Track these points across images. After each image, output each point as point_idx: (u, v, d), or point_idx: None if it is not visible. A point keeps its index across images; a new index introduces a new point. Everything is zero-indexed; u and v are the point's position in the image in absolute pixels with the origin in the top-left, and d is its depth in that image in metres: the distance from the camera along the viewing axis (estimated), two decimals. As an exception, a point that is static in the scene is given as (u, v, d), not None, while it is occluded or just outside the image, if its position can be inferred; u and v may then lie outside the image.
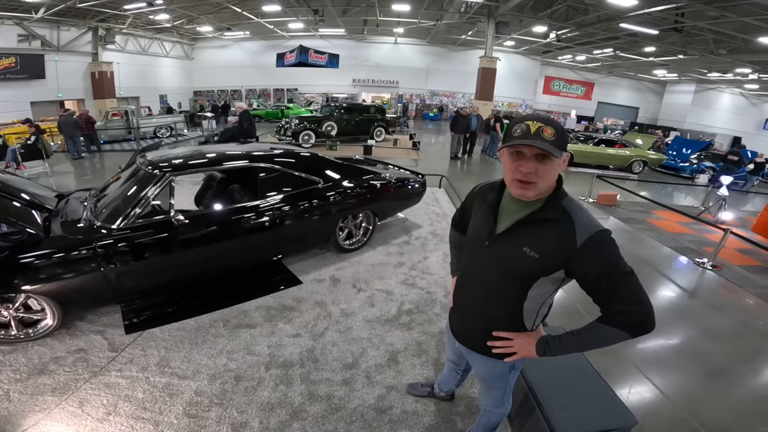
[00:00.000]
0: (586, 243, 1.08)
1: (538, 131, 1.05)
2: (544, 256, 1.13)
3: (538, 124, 1.06)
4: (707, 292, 4.36)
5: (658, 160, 12.68)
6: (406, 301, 3.44)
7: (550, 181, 1.11)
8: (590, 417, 1.82)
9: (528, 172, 1.08)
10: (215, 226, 3.24)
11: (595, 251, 1.09)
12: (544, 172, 1.08)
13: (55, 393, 2.23)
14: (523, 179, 1.09)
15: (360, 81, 25.61)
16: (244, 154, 3.60)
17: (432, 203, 6.40)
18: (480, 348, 1.44)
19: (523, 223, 1.17)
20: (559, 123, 1.10)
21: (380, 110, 14.11)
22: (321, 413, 2.21)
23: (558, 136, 1.06)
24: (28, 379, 2.31)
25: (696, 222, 6.24)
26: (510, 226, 1.20)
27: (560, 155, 1.06)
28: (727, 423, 2.34)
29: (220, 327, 2.92)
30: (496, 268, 1.26)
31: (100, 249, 2.65)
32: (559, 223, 1.12)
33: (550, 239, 1.12)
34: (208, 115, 17.41)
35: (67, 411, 2.11)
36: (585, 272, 1.11)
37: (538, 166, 1.07)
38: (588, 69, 26.92)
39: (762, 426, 2.33)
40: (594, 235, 1.08)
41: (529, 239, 1.16)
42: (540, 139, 1.04)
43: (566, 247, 1.09)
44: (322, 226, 3.95)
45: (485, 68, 17.25)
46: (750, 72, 17.60)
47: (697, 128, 24.76)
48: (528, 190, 1.11)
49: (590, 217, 1.13)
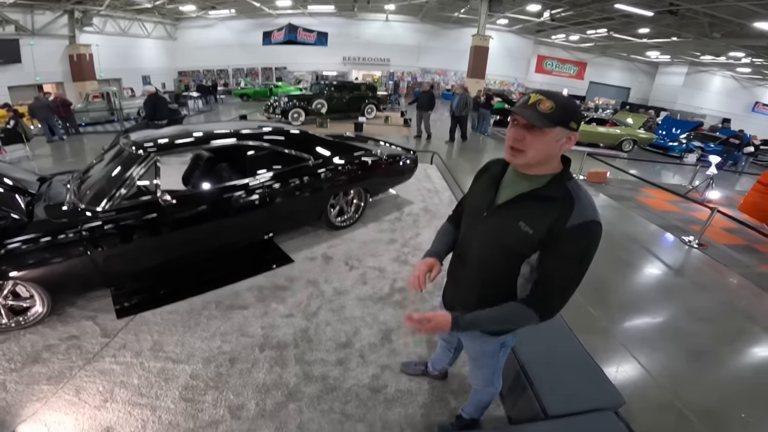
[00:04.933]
0: (576, 226, 1.08)
1: (535, 103, 1.06)
2: (538, 232, 1.12)
3: (539, 97, 1.07)
4: (692, 270, 4.45)
5: (648, 139, 12.83)
6: (398, 279, 3.45)
7: (540, 152, 1.10)
8: (580, 396, 1.87)
9: (516, 138, 1.10)
10: (204, 206, 3.17)
11: (580, 237, 1.09)
12: (532, 141, 1.08)
13: (51, 381, 2.21)
14: (512, 145, 1.12)
15: (350, 59, 25.13)
16: (233, 132, 3.51)
17: (423, 179, 6.39)
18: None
19: (524, 198, 1.17)
20: (568, 100, 1.09)
21: (371, 88, 14.02)
22: (316, 393, 2.23)
23: (556, 110, 1.05)
24: (22, 369, 2.28)
25: (683, 200, 6.33)
26: (510, 199, 1.20)
27: (546, 126, 1.05)
28: (710, 405, 2.40)
29: (212, 309, 2.91)
30: (492, 239, 1.25)
31: (85, 232, 2.59)
32: (559, 203, 1.11)
33: (547, 217, 1.11)
34: (193, 94, 17.05)
35: (64, 399, 2.10)
36: (557, 250, 1.11)
37: (526, 135, 1.09)
38: (581, 49, 26.77)
39: (743, 408, 2.39)
40: (588, 223, 1.08)
41: (527, 214, 1.15)
42: (531, 110, 1.06)
43: (557, 225, 1.09)
44: (313, 204, 3.92)
45: (477, 46, 17.00)
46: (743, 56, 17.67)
47: (688, 109, 25.01)
48: (516, 156, 1.13)
49: (592, 204, 1.13)
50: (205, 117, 14.49)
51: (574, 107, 1.10)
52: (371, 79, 21.41)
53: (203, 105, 17.07)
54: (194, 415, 2.06)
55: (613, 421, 1.72)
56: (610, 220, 5.50)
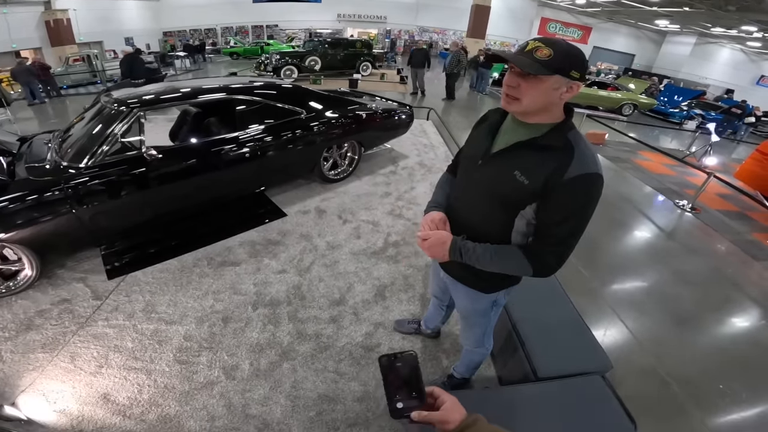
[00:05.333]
0: (575, 178, 1.02)
1: (532, 50, 0.99)
2: (534, 182, 1.07)
3: (537, 44, 1.00)
4: (683, 234, 4.47)
5: (648, 104, 12.66)
6: (392, 233, 3.43)
7: (535, 100, 1.03)
8: (570, 359, 1.89)
9: (509, 85, 1.06)
10: (192, 160, 3.08)
11: (579, 190, 1.04)
12: (526, 88, 1.03)
13: (46, 349, 2.18)
14: (506, 92, 1.08)
15: (345, 16, 24.14)
16: (222, 86, 3.37)
17: (419, 134, 6.31)
18: (464, 278, 1.42)
19: (522, 146, 1.11)
20: (571, 47, 1.00)
21: (367, 45, 13.65)
22: (310, 352, 2.25)
23: (555, 57, 0.97)
24: (17, 337, 2.25)
25: (680, 164, 6.28)
26: (507, 147, 1.14)
27: (539, 73, 0.97)
28: (690, 373, 2.44)
29: (204, 266, 2.88)
30: (485, 189, 1.20)
31: (69, 189, 2.50)
32: (558, 153, 1.05)
33: (543, 167, 1.06)
34: (180, 54, 16.50)
35: (60, 367, 2.08)
36: (555, 203, 1.07)
37: (521, 82, 1.03)
38: (587, 14, 25.73)
39: (721, 379, 2.43)
40: (587, 175, 1.03)
41: (523, 164, 1.09)
42: (527, 57, 0.99)
43: (554, 176, 1.04)
44: (305, 157, 3.86)
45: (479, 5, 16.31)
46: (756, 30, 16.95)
47: (692, 78, 24.53)
48: (510, 104, 1.08)
49: (594, 155, 1.07)
50: (193, 75, 14.00)
51: (578, 54, 1.01)
52: (367, 37, 20.61)
53: (191, 64, 16.53)
54: (189, 377, 2.06)
55: (600, 385, 1.74)
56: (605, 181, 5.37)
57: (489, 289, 1.42)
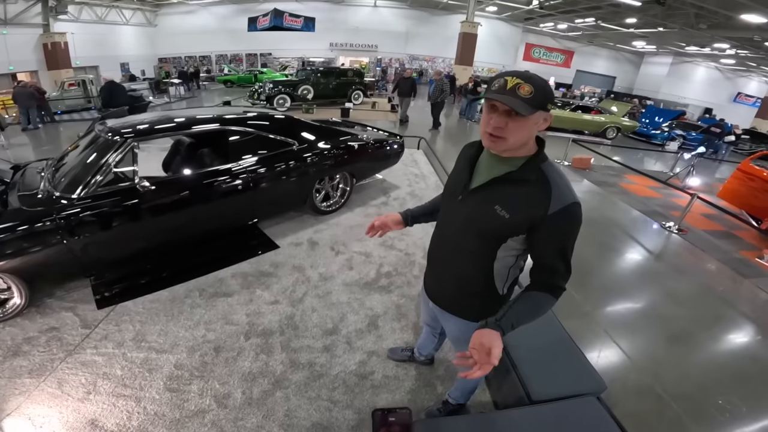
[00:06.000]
0: (558, 212, 1.08)
1: (514, 88, 1.01)
2: (514, 216, 1.12)
3: (516, 81, 1.02)
4: (672, 255, 4.55)
5: (631, 127, 13.04)
6: (384, 264, 3.45)
7: (521, 137, 1.08)
8: (563, 382, 1.90)
9: (497, 126, 1.06)
10: (185, 191, 3.09)
11: (564, 221, 1.10)
12: (514, 128, 1.05)
13: (32, 375, 2.15)
14: (492, 132, 1.08)
15: (338, 45, 24.76)
16: (215, 117, 3.43)
17: (410, 164, 6.37)
18: (452, 308, 1.44)
19: (499, 182, 1.16)
20: (543, 81, 1.06)
21: (358, 74, 13.92)
22: (303, 381, 2.22)
23: (535, 94, 1.01)
24: (3, 363, 2.21)
25: (664, 187, 6.45)
26: (485, 183, 1.19)
27: (530, 113, 1.02)
28: (688, 390, 2.45)
29: (195, 297, 2.86)
30: (467, 224, 1.24)
31: (61, 220, 2.50)
32: (534, 186, 1.10)
33: (523, 201, 1.11)
34: (174, 81, 16.68)
35: (46, 392, 2.05)
36: (546, 237, 1.12)
37: (508, 122, 1.05)
38: (569, 38, 26.84)
39: (721, 394, 2.44)
40: (568, 206, 1.08)
41: (502, 198, 1.14)
42: (513, 96, 1.01)
43: (537, 212, 1.09)
44: (298, 188, 3.87)
45: (466, 33, 16.90)
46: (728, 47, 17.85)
47: (671, 99, 25.42)
48: (497, 144, 1.10)
49: (568, 185, 1.12)
50: (187, 103, 14.17)
51: (549, 88, 1.07)
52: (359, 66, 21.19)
53: (185, 92, 16.71)
54: (180, 405, 2.03)
55: (596, 406, 1.75)
56: (593, 206, 5.58)
57: (477, 318, 1.44)
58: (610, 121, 12.45)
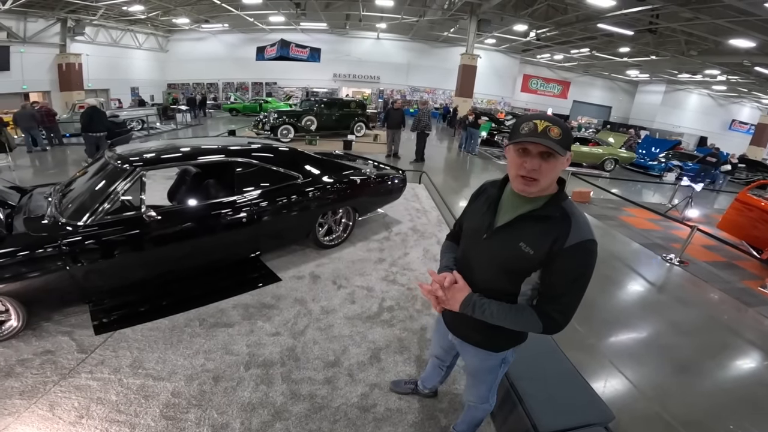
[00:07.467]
0: (574, 246, 1.12)
1: (545, 130, 1.08)
2: (538, 252, 1.16)
3: (546, 123, 1.09)
4: (674, 287, 4.54)
5: (629, 159, 13.11)
6: (387, 298, 3.43)
7: (552, 178, 1.15)
8: (570, 412, 1.87)
9: (532, 168, 1.11)
10: (189, 223, 3.12)
11: (579, 256, 1.14)
12: (547, 170, 1.11)
13: (24, 396, 2.12)
14: (527, 175, 1.12)
15: (341, 76, 25.46)
16: (221, 148, 3.49)
17: (412, 199, 6.41)
18: (474, 340, 1.46)
19: (523, 219, 1.20)
20: (565, 124, 1.13)
21: (361, 105, 14.08)
22: (304, 413, 2.17)
23: (563, 135, 1.09)
24: None
25: (664, 219, 6.49)
26: (510, 221, 1.23)
27: (564, 154, 1.10)
28: (697, 416, 2.43)
29: (196, 326, 2.83)
30: (492, 260, 1.27)
31: (65, 247, 2.51)
32: (557, 222, 1.15)
33: (546, 237, 1.15)
34: (182, 108, 16.96)
35: (37, 414, 2.02)
36: (558, 269, 1.16)
37: (542, 164, 1.11)
38: (565, 68, 27.63)
39: (729, 420, 2.42)
40: (585, 242, 1.13)
41: (527, 235, 1.18)
42: (547, 138, 1.07)
43: (556, 244, 1.13)
44: (301, 222, 3.88)
45: (466, 65, 17.41)
46: (719, 74, 18.45)
47: (666, 127, 25.88)
48: (531, 186, 1.14)
49: (587, 223, 1.18)
50: (193, 131, 14.40)
51: (569, 128, 1.15)
52: (361, 97, 21.73)
53: (191, 119, 16.98)
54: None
55: (604, 436, 1.72)
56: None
57: (498, 348, 1.46)
58: (608, 152, 12.46)
